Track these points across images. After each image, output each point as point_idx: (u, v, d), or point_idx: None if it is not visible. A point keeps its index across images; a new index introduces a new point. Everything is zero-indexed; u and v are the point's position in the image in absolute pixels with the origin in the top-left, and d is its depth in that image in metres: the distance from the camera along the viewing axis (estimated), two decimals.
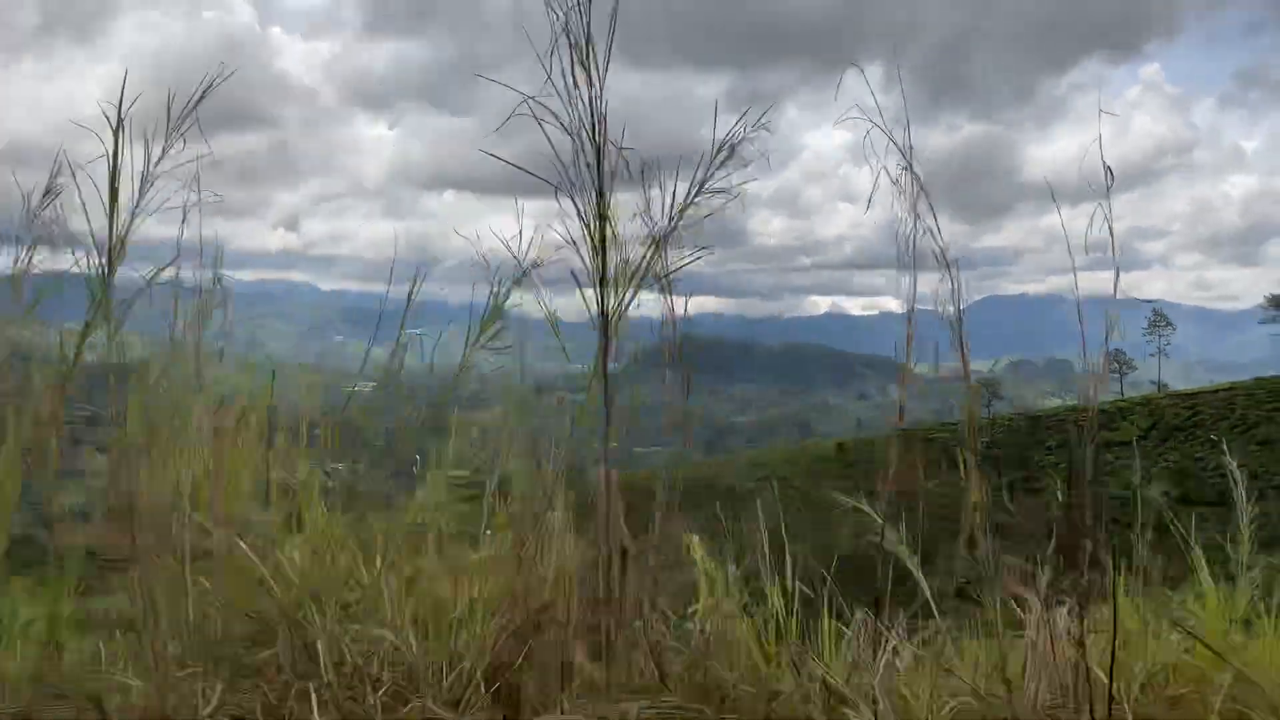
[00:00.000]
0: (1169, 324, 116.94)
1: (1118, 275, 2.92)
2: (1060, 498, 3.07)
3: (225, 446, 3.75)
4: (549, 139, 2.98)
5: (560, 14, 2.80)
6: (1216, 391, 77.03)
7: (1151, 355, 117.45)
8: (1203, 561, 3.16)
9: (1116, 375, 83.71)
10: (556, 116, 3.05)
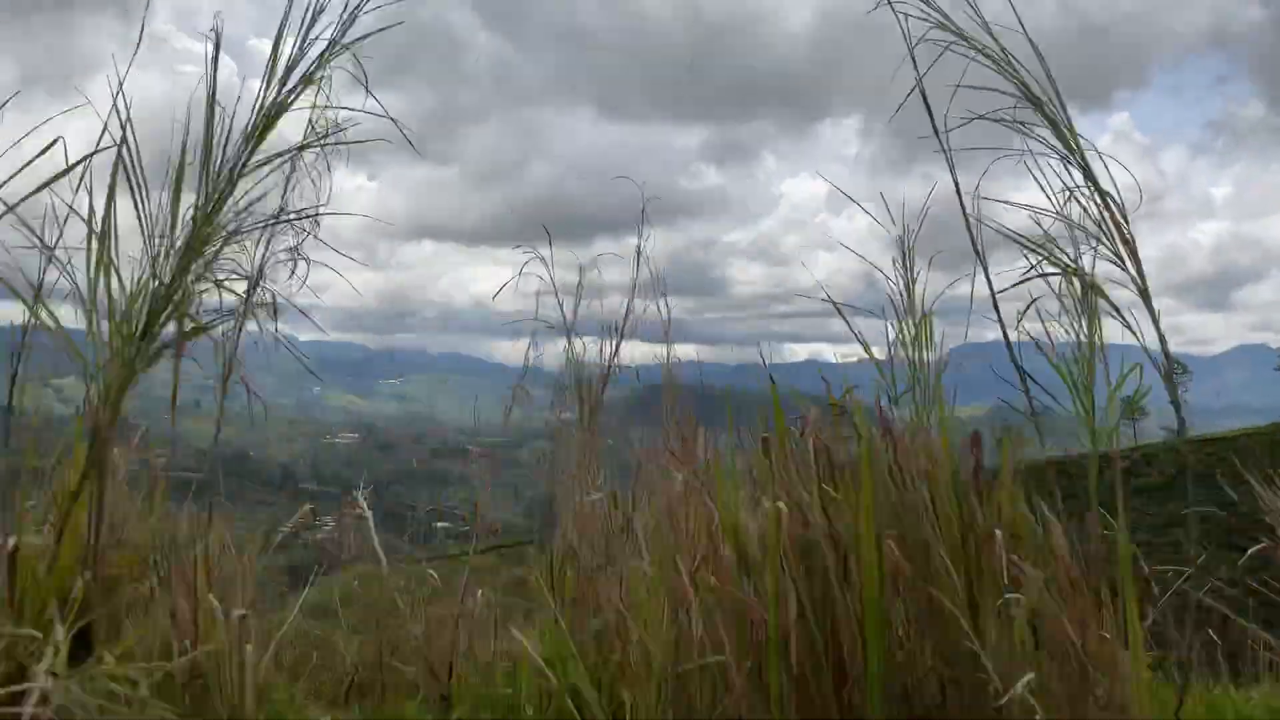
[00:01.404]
0: (1186, 370, 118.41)
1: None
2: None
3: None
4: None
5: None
6: (1236, 438, 77.06)
7: (1169, 402, 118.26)
8: None
9: (1129, 422, 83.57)
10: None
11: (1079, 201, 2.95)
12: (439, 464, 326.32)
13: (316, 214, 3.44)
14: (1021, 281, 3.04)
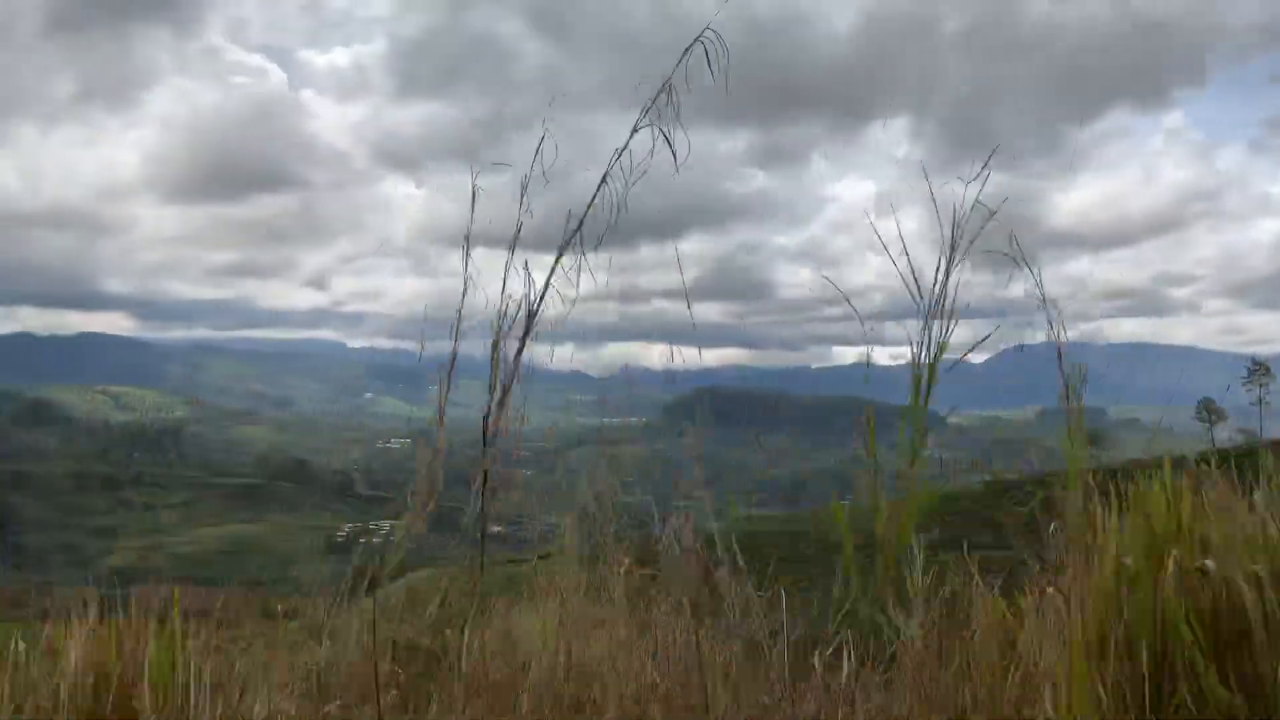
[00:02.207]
0: (1269, 372, 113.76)
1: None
2: None
3: None
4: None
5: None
6: None
7: (1252, 404, 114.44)
8: None
9: (1206, 424, 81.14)
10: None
11: None
12: (489, 468, 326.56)
13: None
14: None
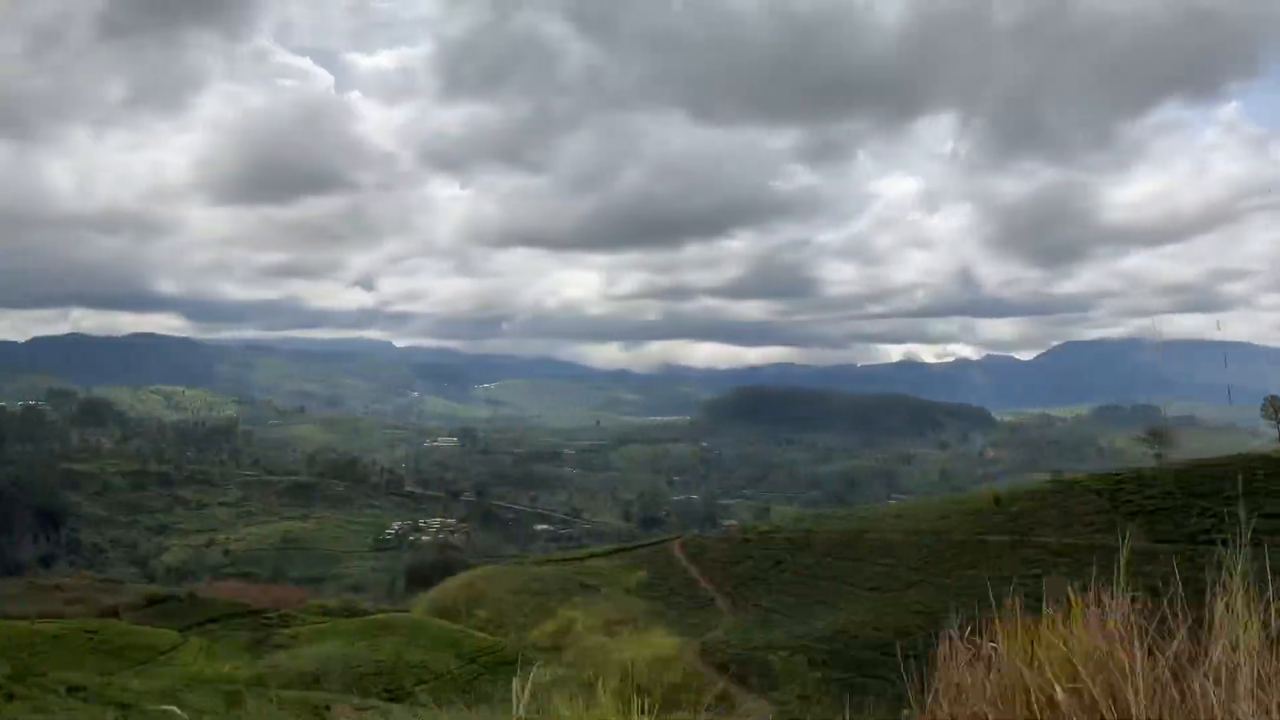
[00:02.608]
0: None
1: None
2: None
3: None
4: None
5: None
6: None
7: None
8: None
9: (1274, 423, 79.44)
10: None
11: None
12: (534, 467, 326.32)
13: None
14: None
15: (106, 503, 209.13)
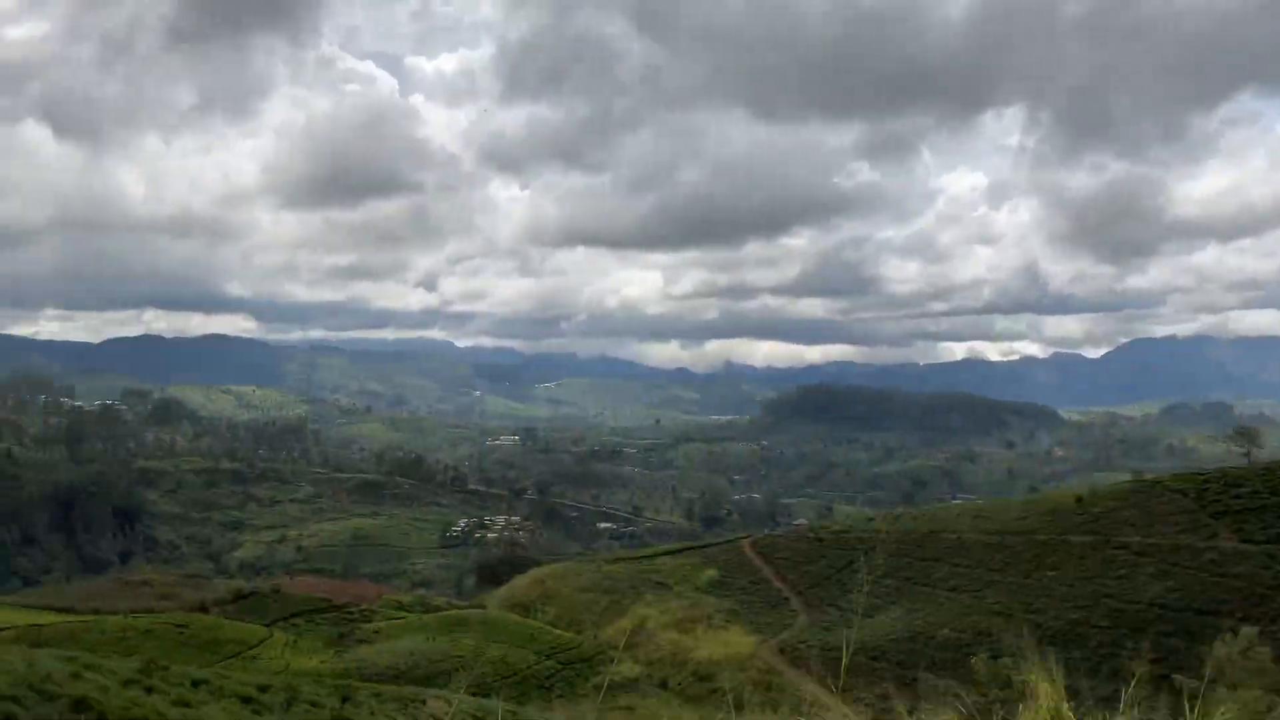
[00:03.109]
0: None
1: None
2: None
3: None
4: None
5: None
6: None
7: None
8: None
9: None
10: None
11: None
12: (595, 465, 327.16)
13: None
14: None
15: (181, 500, 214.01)
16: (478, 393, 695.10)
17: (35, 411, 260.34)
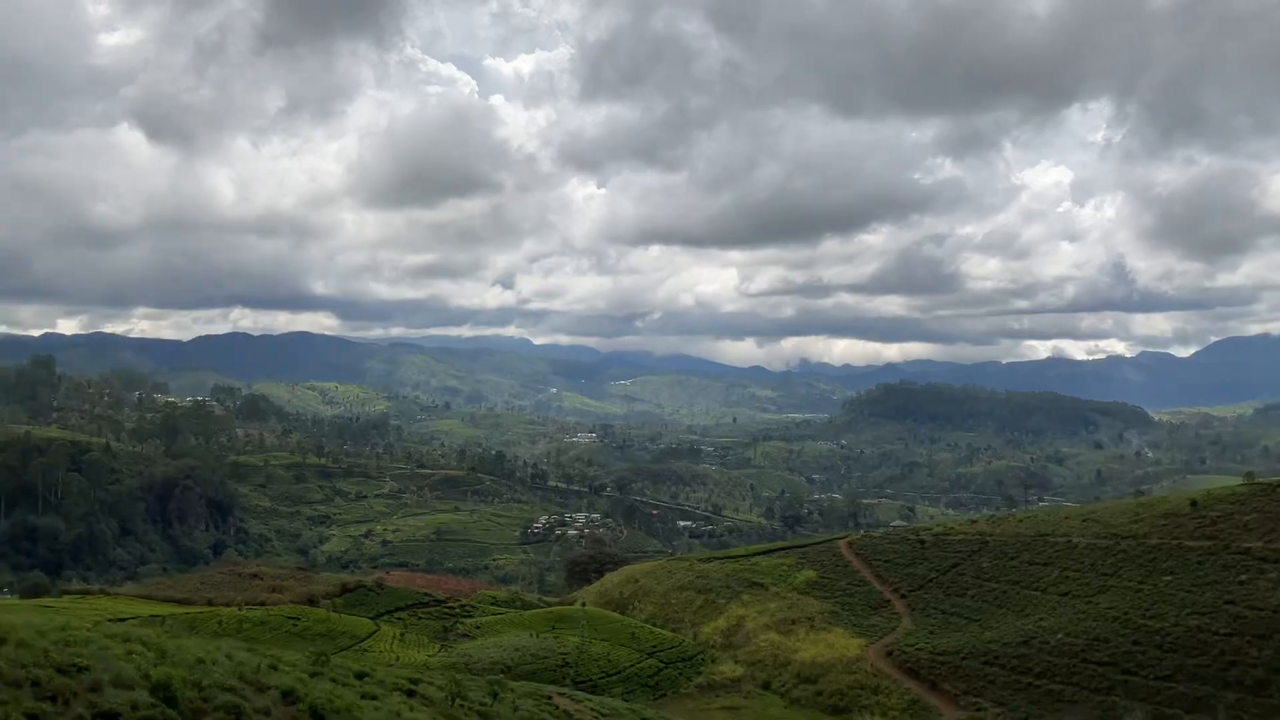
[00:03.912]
0: None
1: None
2: None
3: None
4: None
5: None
6: None
7: None
8: None
9: None
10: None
11: None
12: (672, 463, 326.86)
13: None
14: None
15: (271, 494, 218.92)
16: (554, 389, 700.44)
17: (130, 407, 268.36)
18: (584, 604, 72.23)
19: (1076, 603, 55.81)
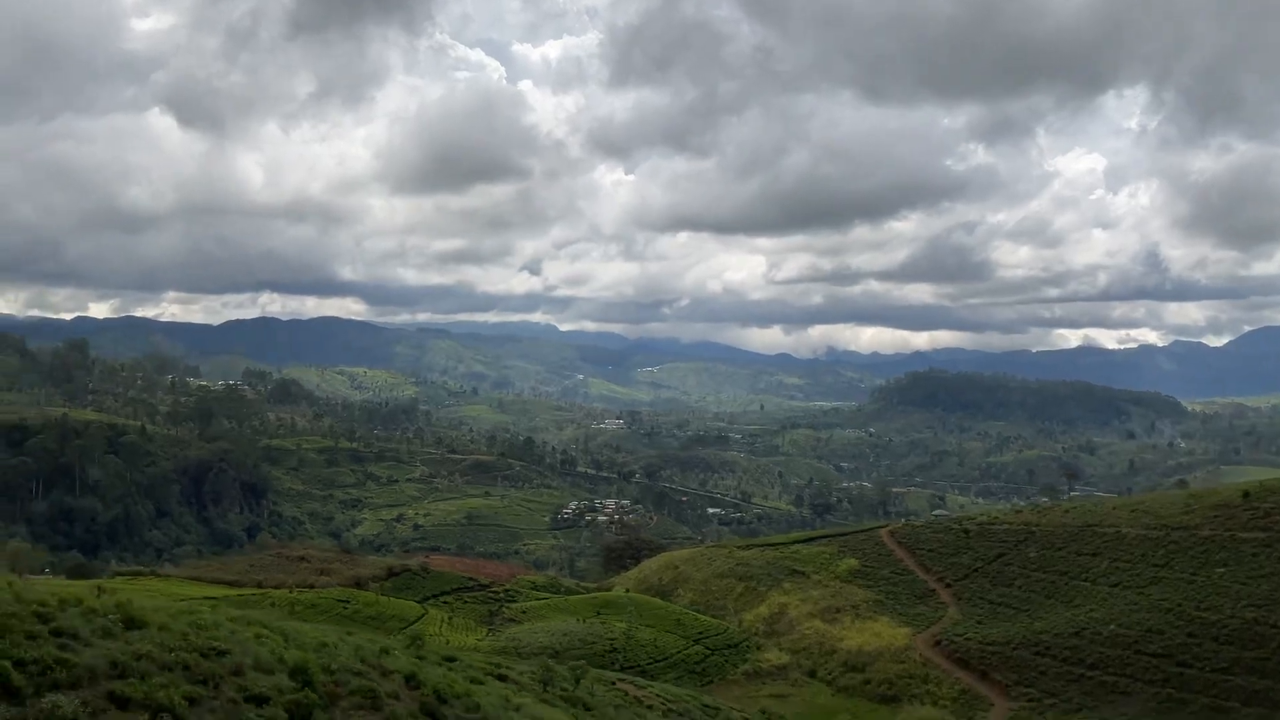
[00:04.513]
0: None
1: None
2: None
3: None
4: None
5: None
6: None
7: None
8: None
9: None
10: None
11: None
12: (700, 450, 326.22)
13: None
14: None
15: (304, 477, 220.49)
16: (580, 376, 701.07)
17: (163, 391, 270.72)
18: (628, 590, 72.26)
19: (1128, 594, 55.30)
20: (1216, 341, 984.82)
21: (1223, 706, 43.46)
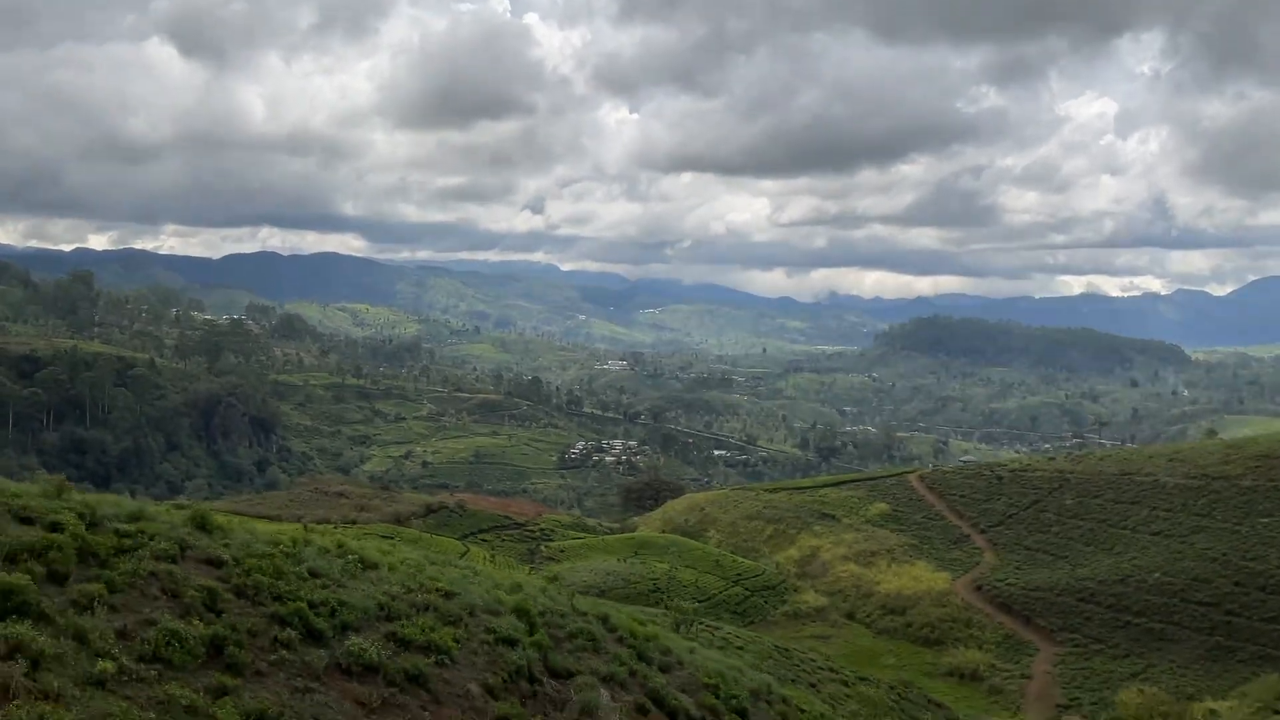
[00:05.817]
0: None
1: None
2: None
3: None
4: None
5: None
6: None
7: None
8: None
9: None
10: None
11: None
12: (704, 393, 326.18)
13: None
14: None
15: (311, 413, 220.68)
16: (582, 316, 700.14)
17: (168, 324, 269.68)
18: (662, 530, 72.47)
19: (1170, 542, 55.43)
20: (1220, 290, 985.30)
21: (1271, 655, 43.73)
